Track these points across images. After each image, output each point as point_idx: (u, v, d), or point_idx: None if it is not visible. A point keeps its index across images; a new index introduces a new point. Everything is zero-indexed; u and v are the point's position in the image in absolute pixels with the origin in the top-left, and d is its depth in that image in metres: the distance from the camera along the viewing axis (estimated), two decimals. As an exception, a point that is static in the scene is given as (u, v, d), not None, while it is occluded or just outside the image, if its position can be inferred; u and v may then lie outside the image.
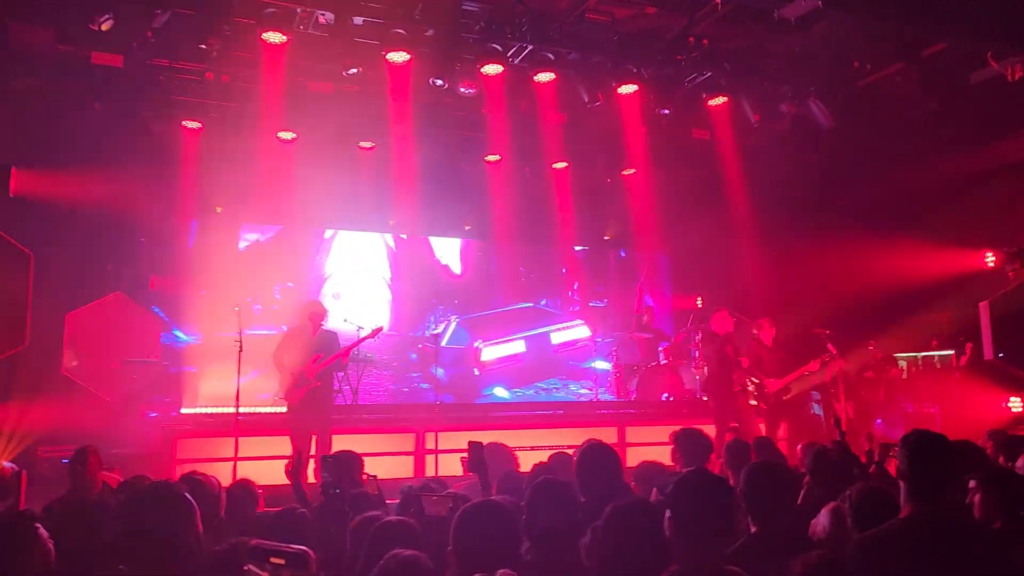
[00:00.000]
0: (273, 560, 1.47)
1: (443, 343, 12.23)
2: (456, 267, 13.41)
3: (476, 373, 12.54)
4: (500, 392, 12.49)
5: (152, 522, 2.16)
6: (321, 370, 7.85)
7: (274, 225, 12.05)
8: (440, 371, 11.97)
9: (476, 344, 12.56)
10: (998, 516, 3.53)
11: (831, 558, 2.64)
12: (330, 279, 12.36)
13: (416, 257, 13.22)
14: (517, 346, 12.81)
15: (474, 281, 13.35)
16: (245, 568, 1.47)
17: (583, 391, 12.72)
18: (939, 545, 2.79)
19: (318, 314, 8.19)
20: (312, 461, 7.39)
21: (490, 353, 12.49)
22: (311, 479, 6.92)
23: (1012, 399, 9.30)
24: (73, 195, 9.18)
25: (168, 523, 2.18)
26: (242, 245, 11.94)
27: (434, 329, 12.43)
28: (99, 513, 3.31)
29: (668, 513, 2.45)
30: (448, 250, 13.44)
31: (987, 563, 2.72)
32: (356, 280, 12.50)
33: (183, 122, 10.28)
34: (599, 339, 12.62)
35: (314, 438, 7.77)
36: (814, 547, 3.14)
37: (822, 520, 3.48)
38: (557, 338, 13.03)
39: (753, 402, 9.62)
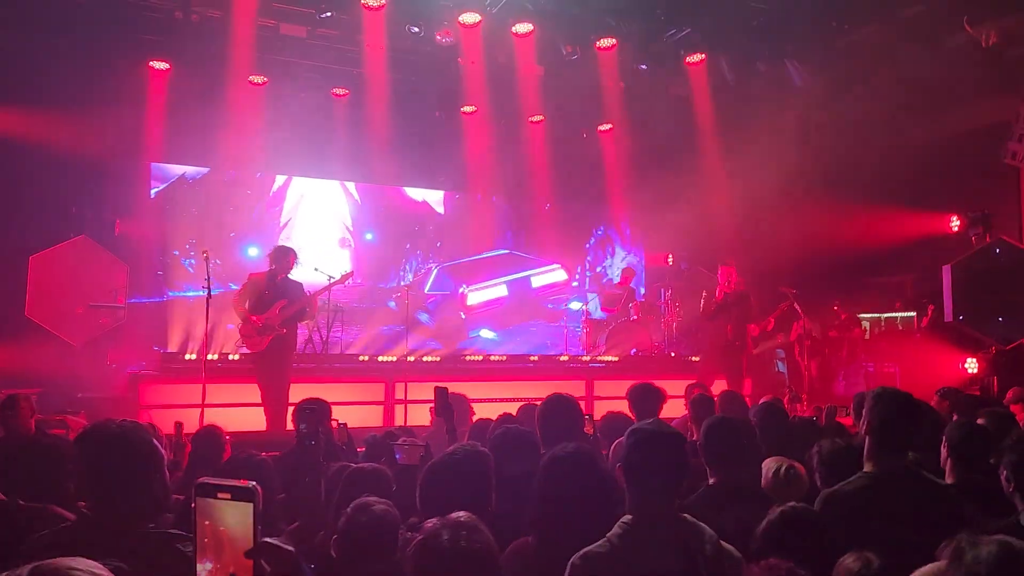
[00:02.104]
0: (220, 495, 1.46)
1: (426, 289, 12.44)
2: (439, 208, 13.44)
3: (463, 317, 12.76)
4: (487, 334, 12.79)
5: (116, 465, 2.16)
6: (287, 317, 7.61)
7: (236, 170, 11.78)
8: (424, 316, 12.08)
9: (461, 290, 12.75)
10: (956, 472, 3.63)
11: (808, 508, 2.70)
12: (290, 228, 12.20)
13: (390, 207, 13.14)
14: (500, 290, 13.12)
15: (456, 223, 13.39)
16: (192, 505, 1.47)
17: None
18: (899, 499, 2.88)
19: (286, 261, 7.82)
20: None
21: (475, 298, 12.82)
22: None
23: (969, 360, 9.54)
24: (35, 134, 8.95)
25: (133, 467, 2.18)
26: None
27: (409, 279, 12.47)
28: (35, 454, 3.34)
29: (619, 464, 2.48)
30: (428, 193, 13.41)
31: (945, 517, 2.80)
32: (317, 230, 12.37)
33: (150, 62, 10.02)
34: (575, 282, 12.83)
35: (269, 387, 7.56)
36: (769, 498, 3.23)
37: (768, 473, 3.59)
38: (537, 281, 13.34)
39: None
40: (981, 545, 1.48)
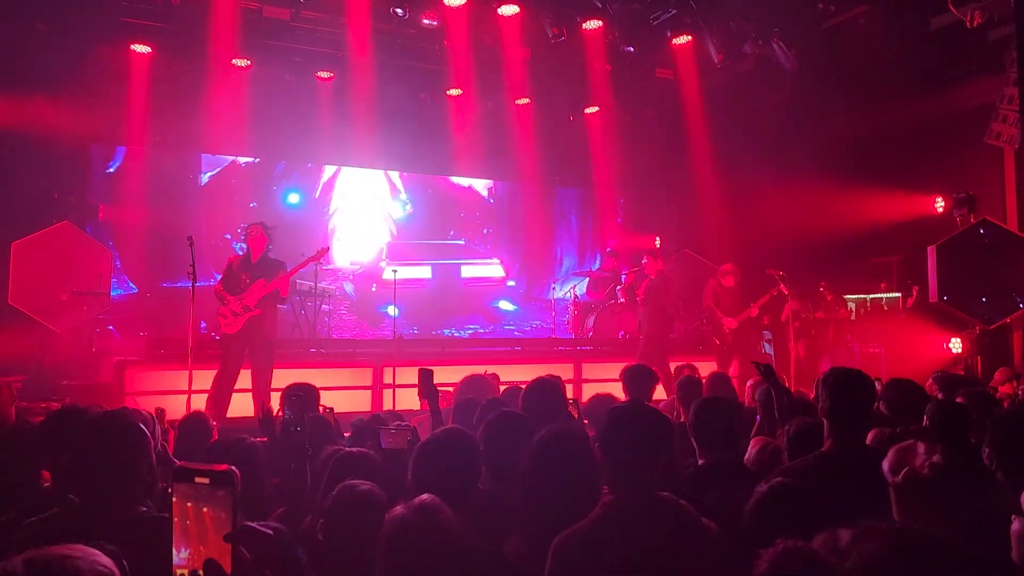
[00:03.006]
0: (198, 480, 1.44)
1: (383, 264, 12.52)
2: (485, 193, 13.72)
3: (373, 288, 12.44)
4: (391, 311, 11.93)
5: (103, 451, 2.15)
6: (262, 296, 7.35)
7: (226, 156, 11.75)
8: (349, 287, 12.09)
9: (381, 263, 12.41)
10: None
11: (788, 483, 2.72)
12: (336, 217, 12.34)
13: (434, 194, 13.46)
14: (423, 271, 12.73)
15: (424, 213, 13.37)
16: (168, 490, 1.45)
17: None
18: (848, 477, 2.87)
19: (260, 238, 7.55)
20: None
21: (391, 273, 12.25)
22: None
23: (953, 340, 9.62)
24: (15, 120, 8.83)
25: (120, 453, 2.16)
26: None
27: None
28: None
29: (598, 443, 2.50)
30: (474, 180, 13.68)
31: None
32: (359, 218, 12.64)
33: (132, 46, 9.90)
34: (512, 281, 12.54)
35: (252, 372, 7.40)
36: (757, 479, 3.25)
37: (752, 452, 3.62)
38: (468, 272, 13.00)
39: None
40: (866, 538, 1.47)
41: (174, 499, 1.44)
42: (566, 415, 4.08)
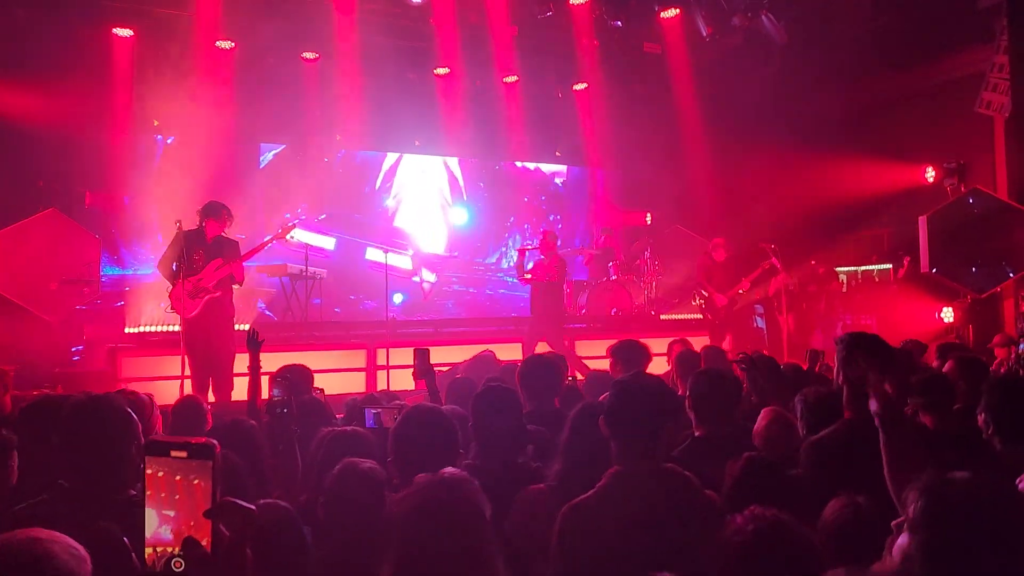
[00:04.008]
0: (174, 453, 1.38)
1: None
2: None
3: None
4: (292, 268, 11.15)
5: (91, 435, 2.12)
6: (221, 278, 6.91)
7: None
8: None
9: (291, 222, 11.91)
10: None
11: (766, 458, 2.75)
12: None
13: (493, 179, 13.62)
14: (327, 241, 12.18)
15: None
16: (142, 467, 1.38)
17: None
18: (874, 445, 2.88)
19: (218, 217, 7.01)
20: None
21: (298, 233, 11.90)
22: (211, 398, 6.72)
23: (944, 310, 9.66)
24: (-3, 106, 8.72)
25: (108, 436, 2.14)
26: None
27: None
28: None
29: (602, 416, 2.50)
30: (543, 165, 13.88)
31: (922, 460, 2.82)
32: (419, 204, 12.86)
33: (113, 29, 9.76)
34: (417, 278, 12.59)
35: (214, 357, 6.95)
36: (755, 449, 3.26)
37: (761, 423, 3.61)
38: (371, 255, 12.41)
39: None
40: (949, 481, 1.50)
41: (147, 473, 1.38)
42: (563, 392, 4.10)
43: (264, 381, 4.35)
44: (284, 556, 2.12)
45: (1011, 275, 9.10)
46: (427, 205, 13.37)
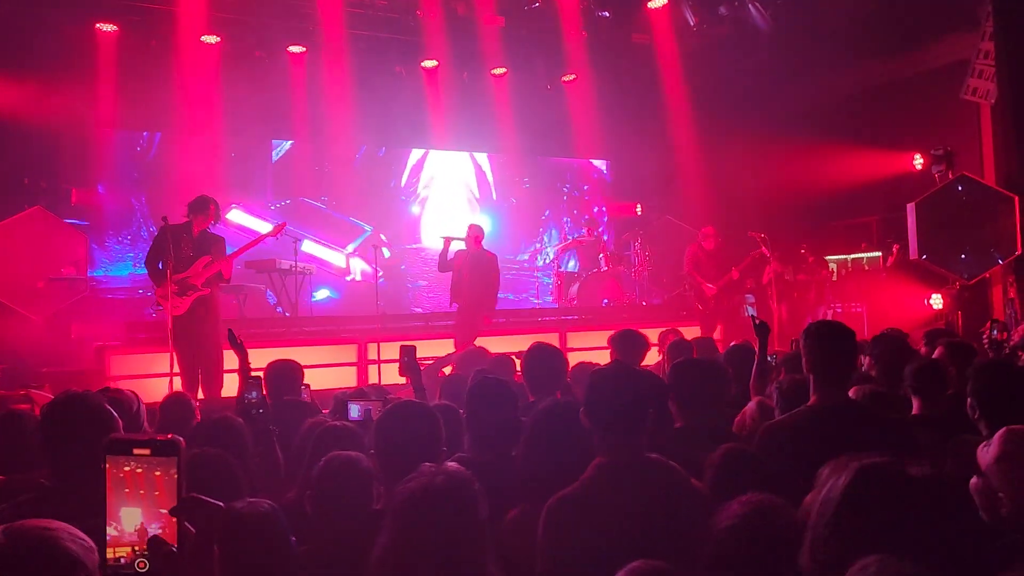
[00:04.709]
0: (137, 451, 1.37)
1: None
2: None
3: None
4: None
5: (69, 434, 2.11)
6: (210, 276, 6.79)
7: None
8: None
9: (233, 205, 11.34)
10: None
11: (745, 448, 2.74)
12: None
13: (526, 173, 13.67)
14: (265, 227, 12.02)
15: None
16: (102, 465, 1.36)
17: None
18: (837, 431, 2.84)
19: (205, 212, 6.87)
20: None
21: (237, 215, 11.42)
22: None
23: (933, 296, 9.70)
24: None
25: (86, 434, 2.12)
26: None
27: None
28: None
29: (582, 408, 2.49)
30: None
31: (881, 446, 2.81)
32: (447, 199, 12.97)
33: (97, 25, 9.69)
34: (350, 277, 12.31)
35: (203, 355, 6.84)
36: (737, 440, 3.26)
37: (750, 413, 3.61)
38: (307, 247, 11.86)
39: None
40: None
41: (110, 471, 1.37)
42: (565, 385, 4.09)
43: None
44: (266, 553, 2.11)
45: (999, 261, 9.13)
46: (454, 202, 13.50)
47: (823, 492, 1.46)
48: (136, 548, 1.37)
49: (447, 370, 6.68)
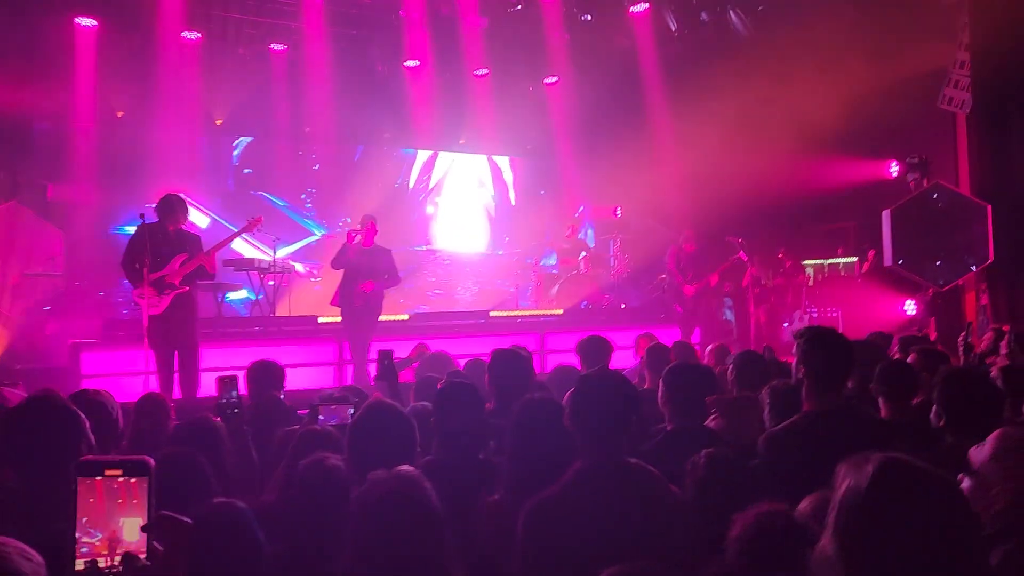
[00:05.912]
0: (108, 472, 1.39)
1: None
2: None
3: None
4: None
5: (34, 436, 2.10)
6: (187, 273, 6.72)
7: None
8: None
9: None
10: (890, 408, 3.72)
11: (731, 452, 2.78)
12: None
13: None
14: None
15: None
16: (72, 487, 1.38)
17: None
18: (836, 436, 2.87)
19: (173, 211, 6.75)
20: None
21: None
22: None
23: (907, 302, 9.83)
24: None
25: (50, 436, 2.12)
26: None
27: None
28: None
29: (567, 410, 2.52)
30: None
31: (884, 448, 2.85)
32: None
33: (76, 19, 9.59)
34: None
35: (177, 353, 6.75)
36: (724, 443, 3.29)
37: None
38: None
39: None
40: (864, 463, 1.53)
41: (79, 495, 1.39)
42: (535, 387, 4.09)
43: (241, 375, 4.32)
44: (235, 556, 2.12)
45: (972, 268, 9.26)
46: (466, 203, 13.78)
47: (845, 485, 1.51)
48: (105, 565, 1.40)
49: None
